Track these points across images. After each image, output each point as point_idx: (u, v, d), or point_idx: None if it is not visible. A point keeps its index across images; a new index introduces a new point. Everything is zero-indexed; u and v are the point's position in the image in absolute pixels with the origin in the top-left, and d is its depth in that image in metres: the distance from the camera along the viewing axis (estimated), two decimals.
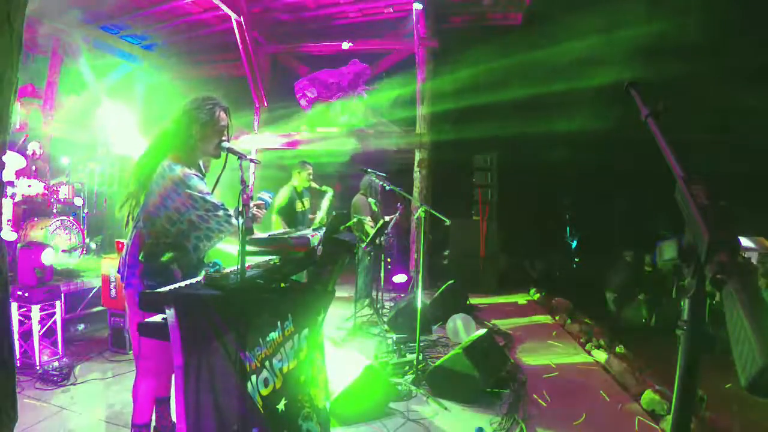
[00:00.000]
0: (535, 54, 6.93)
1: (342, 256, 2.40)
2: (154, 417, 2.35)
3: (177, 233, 2.04)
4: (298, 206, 4.46)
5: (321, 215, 4.71)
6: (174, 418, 2.23)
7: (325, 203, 4.77)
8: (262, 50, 7.64)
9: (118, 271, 2.15)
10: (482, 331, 3.68)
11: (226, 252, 2.56)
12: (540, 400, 3.20)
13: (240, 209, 1.75)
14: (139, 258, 2.02)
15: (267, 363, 1.85)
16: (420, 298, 3.59)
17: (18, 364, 3.30)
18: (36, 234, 4.58)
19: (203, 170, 2.28)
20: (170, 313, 1.45)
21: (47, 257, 3.70)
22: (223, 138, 2.15)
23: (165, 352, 2.11)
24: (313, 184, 4.64)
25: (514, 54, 6.83)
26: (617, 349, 4.14)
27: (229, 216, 2.02)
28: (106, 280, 3.92)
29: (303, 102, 7.62)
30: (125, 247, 2.10)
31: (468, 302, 5.67)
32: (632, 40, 6.52)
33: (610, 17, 6.68)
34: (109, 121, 6.06)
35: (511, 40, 6.89)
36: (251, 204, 2.63)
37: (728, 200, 0.72)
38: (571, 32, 6.75)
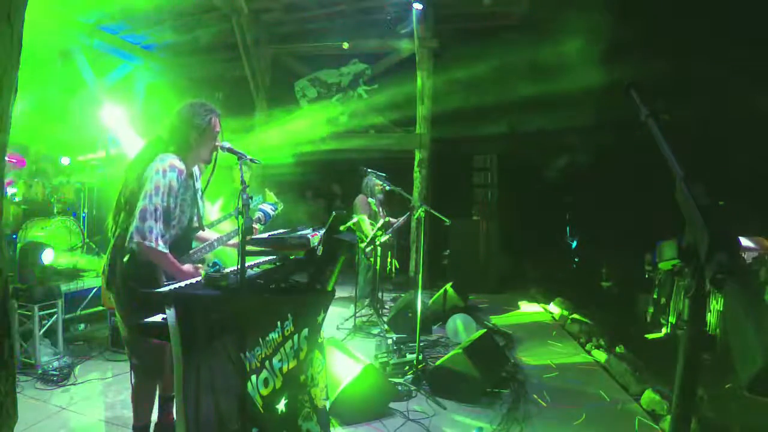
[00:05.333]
0: (535, 53, 6.92)
1: (342, 256, 2.40)
2: (156, 415, 2.36)
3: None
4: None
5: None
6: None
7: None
8: (262, 50, 7.64)
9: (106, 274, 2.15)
10: (482, 331, 3.68)
11: (226, 253, 2.55)
12: (540, 400, 3.20)
13: (240, 209, 1.75)
14: (123, 260, 2.02)
15: (267, 363, 1.85)
16: (420, 298, 3.59)
17: (18, 364, 3.30)
18: (36, 234, 4.58)
19: (196, 175, 2.28)
20: (170, 313, 1.45)
21: (47, 257, 3.71)
22: (217, 144, 2.17)
23: (160, 353, 2.12)
24: (270, 194, 4.44)
25: (514, 54, 6.82)
26: (617, 349, 4.14)
27: (138, 244, 1.92)
28: (105, 280, 3.91)
29: (303, 102, 7.62)
30: (109, 248, 2.10)
31: (468, 302, 5.67)
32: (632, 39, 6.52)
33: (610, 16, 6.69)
34: (110, 121, 6.05)
35: (511, 40, 6.88)
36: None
37: (728, 200, 0.72)
38: (571, 31, 6.75)
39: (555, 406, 3.12)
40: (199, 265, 2.14)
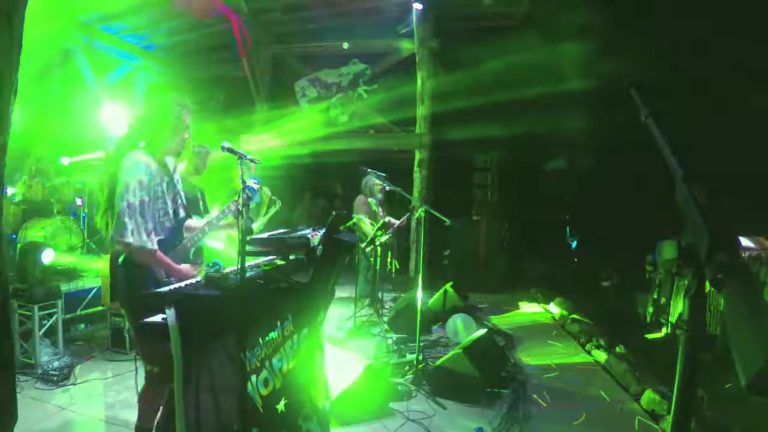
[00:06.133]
0: (535, 54, 6.92)
1: (342, 256, 2.40)
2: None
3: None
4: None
5: (260, 223, 4.19)
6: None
7: (269, 213, 4.35)
8: (262, 50, 7.64)
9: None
10: (482, 331, 3.68)
11: (225, 253, 2.55)
12: (540, 400, 3.20)
13: (240, 209, 1.75)
14: (118, 261, 2.02)
15: (267, 363, 1.85)
16: (420, 298, 3.59)
17: (18, 364, 3.30)
18: (36, 234, 4.58)
19: (171, 165, 2.29)
20: (170, 313, 1.45)
21: (47, 257, 3.70)
22: (186, 137, 2.21)
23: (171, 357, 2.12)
24: (267, 191, 4.34)
25: (514, 54, 6.82)
26: (617, 349, 4.14)
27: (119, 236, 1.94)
28: (106, 280, 3.92)
29: (303, 102, 7.62)
30: (109, 256, 2.11)
31: (468, 302, 5.67)
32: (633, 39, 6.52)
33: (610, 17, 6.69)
34: (110, 121, 6.06)
35: (511, 40, 6.88)
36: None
37: (728, 200, 0.72)
38: (571, 32, 6.75)
39: (555, 406, 3.12)
40: (198, 264, 2.14)
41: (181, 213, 2.27)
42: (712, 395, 2.99)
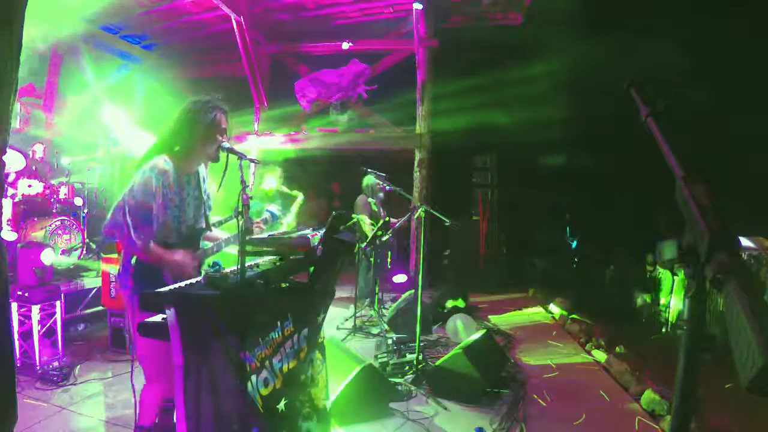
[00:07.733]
0: (535, 53, 6.92)
1: (342, 256, 2.40)
2: (157, 417, 2.35)
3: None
4: None
5: (291, 219, 4.55)
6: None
7: (295, 207, 4.63)
8: (262, 50, 7.64)
9: (118, 274, 2.17)
10: (482, 331, 3.68)
11: (226, 252, 2.54)
12: (540, 400, 3.20)
13: (240, 209, 1.75)
14: (131, 261, 2.02)
15: (267, 363, 1.85)
16: (420, 298, 3.59)
17: (18, 364, 3.30)
18: (36, 234, 4.57)
19: (202, 173, 2.27)
20: (170, 313, 1.45)
21: (47, 257, 3.70)
22: (223, 140, 2.15)
23: (168, 354, 2.12)
24: (284, 188, 4.51)
25: (514, 53, 6.83)
26: (617, 349, 4.14)
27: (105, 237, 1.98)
28: (106, 280, 3.92)
29: (303, 102, 7.62)
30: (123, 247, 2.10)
31: (468, 302, 5.67)
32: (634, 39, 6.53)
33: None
34: (110, 121, 6.06)
35: (511, 40, 6.89)
36: (254, 221, 2.60)
37: (728, 200, 0.72)
38: (572, 31, 6.75)
39: (555, 406, 3.12)
40: (198, 252, 2.14)
41: (201, 224, 2.25)
42: (712, 395, 2.99)
